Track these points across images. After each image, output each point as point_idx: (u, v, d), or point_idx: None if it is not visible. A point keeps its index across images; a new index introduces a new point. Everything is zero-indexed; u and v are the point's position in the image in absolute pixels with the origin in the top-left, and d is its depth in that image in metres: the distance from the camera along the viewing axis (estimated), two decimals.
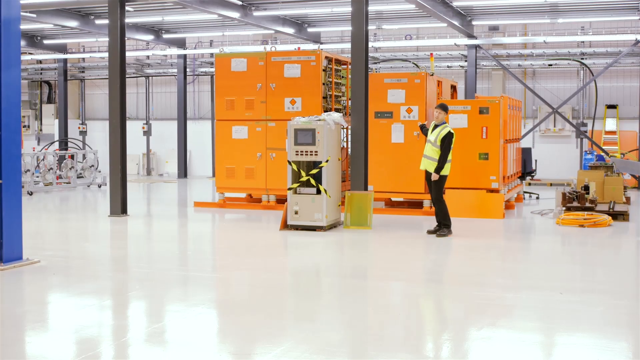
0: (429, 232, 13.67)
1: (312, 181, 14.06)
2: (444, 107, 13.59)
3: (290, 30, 24.27)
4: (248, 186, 18.06)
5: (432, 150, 13.36)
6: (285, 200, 14.64)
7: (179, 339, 7.20)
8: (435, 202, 13.50)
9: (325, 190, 13.98)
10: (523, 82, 25.63)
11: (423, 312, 8.47)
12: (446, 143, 13.22)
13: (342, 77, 18.47)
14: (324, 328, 7.52)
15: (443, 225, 13.48)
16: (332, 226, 14.39)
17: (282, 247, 12.95)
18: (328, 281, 10.13)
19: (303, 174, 14.13)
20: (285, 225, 14.28)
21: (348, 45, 23.28)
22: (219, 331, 7.67)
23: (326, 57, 17.67)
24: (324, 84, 17.38)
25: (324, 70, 17.42)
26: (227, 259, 11.78)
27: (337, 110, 17.85)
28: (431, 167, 13.35)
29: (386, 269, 10.81)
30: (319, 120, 14.26)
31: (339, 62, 18.36)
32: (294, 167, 14.15)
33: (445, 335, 7.35)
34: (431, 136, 13.39)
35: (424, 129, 14.31)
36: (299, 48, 22.01)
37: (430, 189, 13.67)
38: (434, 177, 13.29)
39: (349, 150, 16.69)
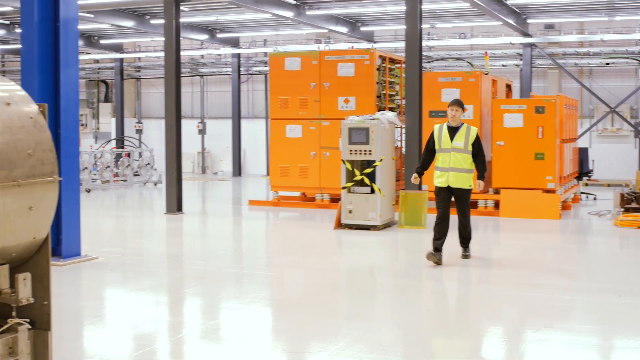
0: (465, 256, 11.10)
1: (366, 180, 14.04)
2: (460, 104, 10.83)
3: (344, 29, 24.26)
4: (302, 185, 18.10)
5: (463, 160, 10.59)
6: (339, 199, 14.64)
7: (233, 336, 7.25)
8: (467, 223, 10.89)
9: (379, 190, 13.95)
10: (579, 81, 25.26)
11: (477, 313, 8.39)
12: (480, 144, 10.74)
13: (396, 76, 18.40)
14: (378, 328, 7.50)
15: (467, 241, 11.08)
16: (386, 225, 14.35)
17: (335, 246, 12.95)
18: (382, 281, 10.11)
19: (357, 173, 14.12)
20: (339, 224, 14.28)
21: (402, 44, 23.17)
22: (273, 329, 7.71)
23: (380, 56, 17.63)
24: (377, 82, 17.34)
25: (377, 69, 17.38)
26: (281, 257, 11.82)
27: (390, 109, 17.78)
28: (466, 181, 10.64)
29: (440, 268, 10.73)
30: (373, 119, 14.23)
31: (392, 61, 18.30)
32: (348, 166, 14.15)
33: (500, 337, 7.28)
34: (457, 142, 10.58)
35: (428, 149, 10.94)
36: (352, 47, 22.00)
37: (460, 209, 10.81)
38: (479, 185, 10.63)
39: (403, 149, 16.62)
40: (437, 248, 10.56)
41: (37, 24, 10.28)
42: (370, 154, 13.99)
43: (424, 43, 21.04)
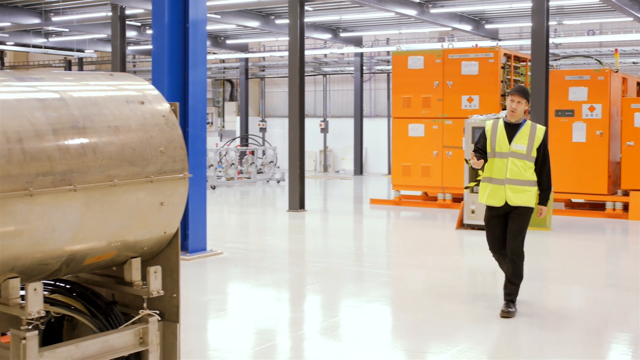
0: (505, 313, 7.79)
1: None
2: (524, 93, 7.91)
3: (468, 27, 23.95)
4: (424, 184, 17.99)
5: (524, 168, 7.79)
6: (462, 199, 14.48)
7: (353, 334, 7.29)
8: (519, 255, 7.90)
9: None
10: None
11: (603, 318, 8.14)
12: (547, 150, 7.96)
13: (521, 74, 18.05)
14: (501, 330, 7.39)
15: (513, 289, 7.96)
16: None
17: (457, 246, 12.83)
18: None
19: (480, 172, 13.91)
20: (461, 225, 14.14)
21: (527, 42, 22.71)
22: (393, 328, 7.70)
23: (505, 54, 17.33)
24: (502, 81, 17.05)
25: (502, 67, 17.09)
26: (402, 257, 11.79)
27: None
28: (531, 197, 7.84)
29: (565, 271, 10.47)
30: (497, 118, 13.99)
31: (517, 59, 17.96)
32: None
33: (626, 344, 7.04)
34: (518, 144, 7.81)
35: (478, 151, 8.05)
36: (476, 45, 21.68)
37: (513, 234, 7.86)
38: (543, 211, 7.95)
39: None
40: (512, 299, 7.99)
41: (168, 25, 10.60)
42: None
43: (550, 40, 20.51)
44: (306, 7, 19.99)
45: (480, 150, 7.97)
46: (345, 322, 7.77)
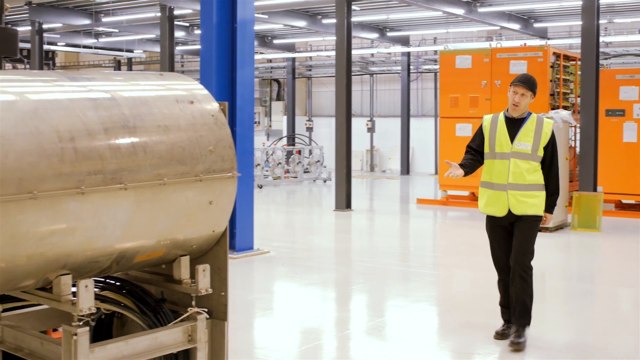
0: (500, 335, 6.97)
1: None
2: (529, 83, 6.87)
3: (516, 26, 23.72)
4: (471, 184, 17.80)
5: (529, 171, 6.69)
6: None
7: (400, 334, 7.27)
8: (527, 270, 6.82)
9: None
10: None
11: None
12: (555, 149, 6.84)
13: (571, 73, 17.82)
14: (549, 332, 7.31)
15: (524, 312, 6.82)
16: (558, 227, 13.93)
17: None
18: (553, 284, 9.83)
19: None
20: None
21: (577, 41, 22.40)
22: (439, 328, 7.67)
23: (554, 53, 17.12)
24: (551, 80, 16.85)
25: (551, 66, 16.88)
26: (449, 257, 11.73)
27: (564, 107, 17.23)
28: (537, 204, 6.72)
29: (615, 273, 10.33)
30: (546, 118, 13.86)
31: (567, 58, 17.74)
32: None
33: None
34: (521, 142, 6.72)
35: (471, 152, 7.13)
36: (525, 44, 21.46)
37: (520, 247, 6.79)
38: (547, 219, 6.85)
39: (577, 149, 16.08)
40: (507, 319, 7.05)
41: (216, 25, 10.68)
42: None
43: (600, 39, 20.23)
44: (353, 7, 19.98)
45: (473, 151, 6.95)
46: (392, 322, 7.75)
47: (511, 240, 6.85)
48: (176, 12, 22.10)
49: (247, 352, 6.54)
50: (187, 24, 26.70)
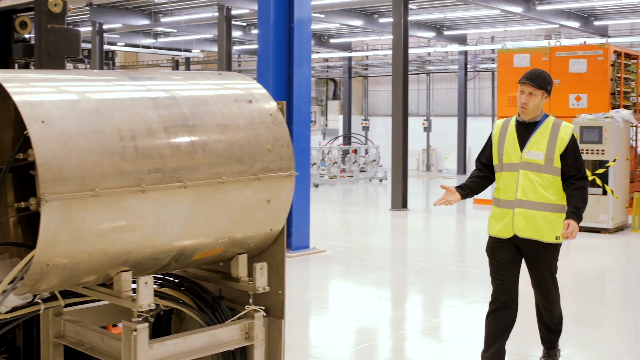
0: None
1: (598, 181, 13.49)
2: (539, 80, 5.69)
3: (575, 24, 23.38)
4: None
5: (543, 185, 5.56)
6: None
7: (455, 335, 7.22)
8: (551, 305, 6.03)
9: (611, 191, 13.35)
10: None
11: None
12: (577, 156, 5.60)
13: (632, 72, 17.50)
14: (609, 335, 7.19)
15: (554, 338, 6.18)
16: (618, 229, 13.70)
17: (564, 248, 12.50)
18: (613, 286, 9.67)
19: (588, 173, 13.59)
20: None
21: (638, 39, 22.01)
22: None
23: (614, 51, 16.83)
24: (611, 79, 16.57)
25: (612, 65, 16.60)
26: None
27: (625, 107, 16.93)
28: (549, 228, 5.66)
29: None
30: (607, 117, 13.64)
31: (628, 56, 17.42)
32: None
33: None
34: (532, 151, 5.59)
35: (480, 167, 5.97)
36: (584, 42, 21.16)
37: (538, 280, 5.93)
38: (569, 231, 5.54)
39: (639, 149, 15.79)
40: None
41: (273, 25, 10.74)
42: (602, 153, 13.44)
43: None
44: (410, 5, 19.88)
45: (482, 166, 5.89)
46: (447, 322, 7.70)
47: (516, 265, 5.79)
48: (234, 12, 22.28)
49: (303, 351, 6.57)
50: (244, 24, 26.88)
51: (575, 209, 5.54)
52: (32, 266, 3.21)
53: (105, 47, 28.31)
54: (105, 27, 25.74)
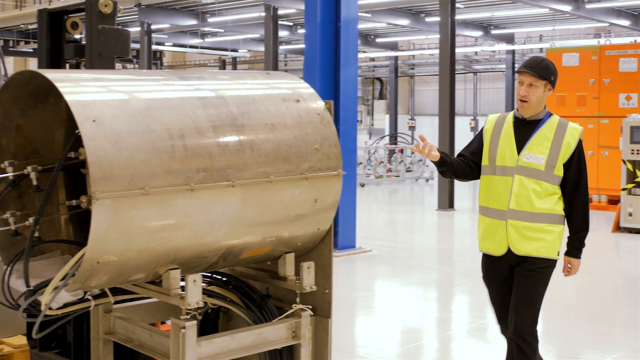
0: None
1: None
2: (541, 69, 4.81)
3: (626, 22, 23.02)
4: None
5: (538, 193, 4.71)
6: (618, 201, 13.95)
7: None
8: (526, 337, 4.77)
9: None
10: None
11: None
12: (583, 164, 4.80)
13: None
14: None
15: None
16: None
17: (612, 250, 12.37)
18: None
19: (638, 174, 13.39)
20: (617, 228, 13.62)
21: None
22: (543, 332, 7.50)
23: None
24: None
25: None
26: None
27: None
28: (549, 243, 4.76)
29: None
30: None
31: None
32: (629, 166, 13.45)
33: None
34: (531, 154, 4.75)
35: (462, 159, 5.04)
36: (635, 41, 20.85)
37: (520, 301, 4.78)
38: (571, 267, 4.90)
39: None
40: None
41: (320, 24, 10.75)
42: None
43: None
44: (457, 4, 19.76)
45: (465, 159, 4.97)
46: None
47: (511, 282, 4.87)
48: (280, 12, 22.34)
49: (349, 350, 6.57)
50: (291, 24, 26.94)
51: (577, 242, 4.85)
52: (83, 263, 3.26)
53: (154, 47, 28.60)
54: (153, 27, 26.00)
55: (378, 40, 30.05)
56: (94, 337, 4.18)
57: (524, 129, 4.81)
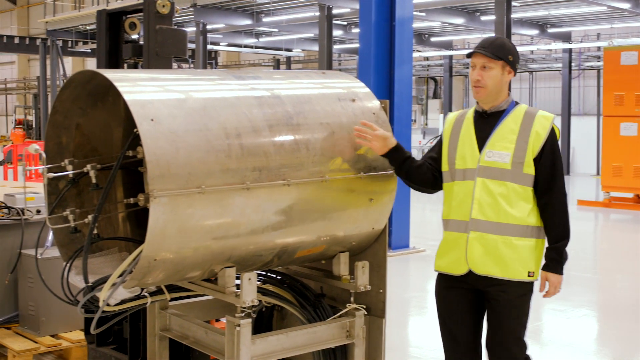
0: None
1: None
2: (495, 47, 4.09)
3: None
4: (636, 186, 17.11)
5: (509, 200, 3.89)
6: None
7: (558, 339, 7.07)
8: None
9: None
10: None
11: None
12: (557, 158, 4.12)
13: None
14: None
15: None
16: None
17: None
18: None
19: None
20: None
21: None
22: (600, 335, 7.41)
23: None
24: None
25: None
26: (611, 261, 11.30)
27: None
28: (517, 260, 3.90)
29: None
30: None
31: None
32: None
33: None
34: (494, 151, 3.93)
35: (427, 164, 4.16)
36: None
37: (498, 335, 3.99)
38: (552, 284, 4.04)
39: None
40: None
41: (374, 24, 10.73)
42: None
43: None
44: (513, 3, 19.56)
45: (430, 164, 4.14)
46: (550, 326, 7.55)
47: (476, 312, 4.13)
48: (334, 11, 22.34)
49: (402, 350, 6.55)
50: (345, 23, 26.93)
51: (555, 254, 4.04)
52: (140, 260, 3.30)
53: (209, 47, 28.83)
54: (208, 27, 26.20)
55: (432, 39, 29.87)
56: (150, 334, 4.24)
57: (485, 124, 4.02)
